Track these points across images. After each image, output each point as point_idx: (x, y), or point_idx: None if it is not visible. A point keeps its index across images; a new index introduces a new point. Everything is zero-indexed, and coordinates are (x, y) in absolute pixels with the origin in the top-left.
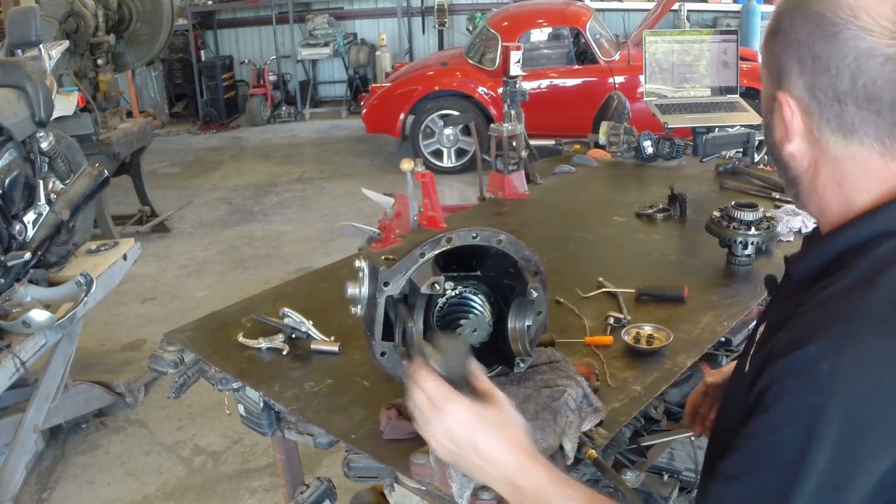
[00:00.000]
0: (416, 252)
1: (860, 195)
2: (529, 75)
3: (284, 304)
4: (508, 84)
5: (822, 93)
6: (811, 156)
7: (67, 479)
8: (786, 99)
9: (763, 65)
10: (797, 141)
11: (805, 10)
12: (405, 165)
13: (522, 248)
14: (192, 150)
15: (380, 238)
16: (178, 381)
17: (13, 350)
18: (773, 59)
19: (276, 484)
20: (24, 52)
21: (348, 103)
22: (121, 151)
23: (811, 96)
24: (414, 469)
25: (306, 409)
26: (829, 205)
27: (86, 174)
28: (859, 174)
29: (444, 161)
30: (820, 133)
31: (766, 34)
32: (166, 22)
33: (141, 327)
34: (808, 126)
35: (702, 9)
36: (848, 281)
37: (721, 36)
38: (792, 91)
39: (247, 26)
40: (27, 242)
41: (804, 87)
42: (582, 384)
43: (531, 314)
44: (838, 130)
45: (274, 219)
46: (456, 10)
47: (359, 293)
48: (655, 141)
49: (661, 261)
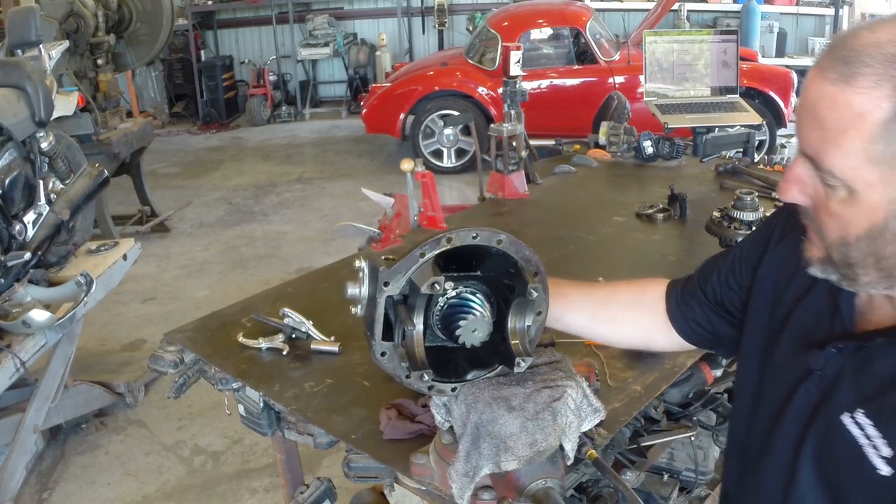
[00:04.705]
0: (416, 252)
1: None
2: (529, 75)
3: (284, 304)
4: (508, 84)
5: None
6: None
7: (67, 479)
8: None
9: (869, 162)
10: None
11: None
12: (405, 165)
13: (522, 248)
14: (192, 150)
15: (380, 238)
16: (178, 381)
17: (13, 350)
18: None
19: (276, 484)
20: (24, 52)
21: (348, 103)
22: (121, 151)
23: None
24: (414, 469)
25: (306, 409)
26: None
27: (86, 174)
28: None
29: (444, 161)
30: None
31: (879, 126)
32: (166, 22)
33: (141, 327)
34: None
35: (702, 9)
36: None
37: (721, 36)
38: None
39: (247, 26)
40: (27, 242)
41: None
42: (582, 384)
43: (531, 314)
44: None
45: (274, 219)
46: (456, 10)
47: (359, 293)
48: (655, 141)
49: (661, 261)
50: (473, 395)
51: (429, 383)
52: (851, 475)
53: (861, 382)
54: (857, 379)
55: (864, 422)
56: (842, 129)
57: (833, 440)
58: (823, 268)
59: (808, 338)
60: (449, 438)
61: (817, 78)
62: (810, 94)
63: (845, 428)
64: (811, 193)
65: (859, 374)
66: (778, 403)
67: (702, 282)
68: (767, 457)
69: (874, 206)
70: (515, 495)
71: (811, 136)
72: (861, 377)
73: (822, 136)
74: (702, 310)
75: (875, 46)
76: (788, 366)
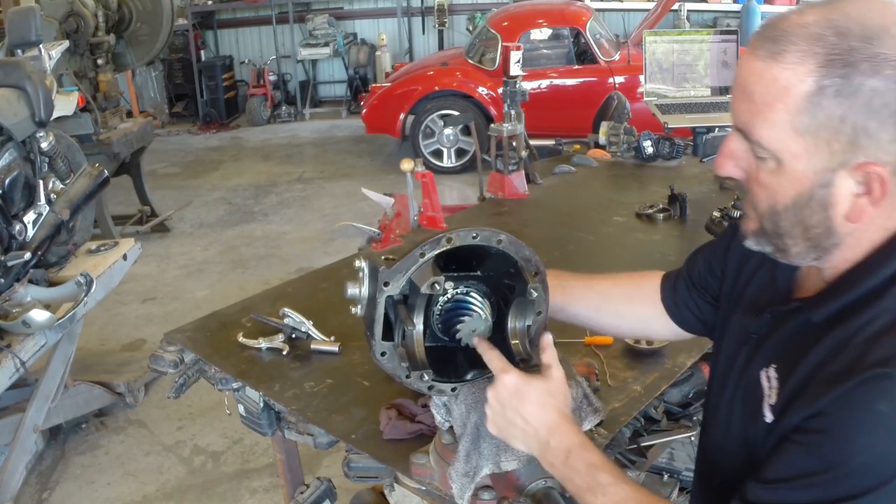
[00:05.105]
0: (416, 252)
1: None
2: (529, 75)
3: (284, 304)
4: (508, 84)
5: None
6: (870, 215)
7: (67, 479)
8: (876, 169)
9: (795, 133)
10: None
11: (888, 62)
12: (405, 165)
13: (522, 248)
14: (192, 150)
15: (380, 238)
16: (178, 381)
17: (13, 350)
18: (828, 124)
19: (276, 484)
20: (24, 52)
21: (348, 103)
22: (121, 151)
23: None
24: (414, 469)
25: (306, 409)
26: (861, 248)
27: (86, 174)
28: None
29: (444, 161)
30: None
31: (803, 99)
32: (166, 22)
33: (141, 327)
34: (892, 188)
35: (702, 9)
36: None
37: (721, 36)
38: (880, 157)
39: (247, 26)
40: (27, 242)
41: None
42: (582, 384)
43: (531, 314)
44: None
45: (274, 219)
46: (456, 10)
47: (359, 293)
48: (655, 141)
49: (661, 261)
50: (473, 395)
51: (429, 383)
52: (754, 424)
53: (776, 341)
54: (775, 339)
55: (771, 375)
56: (769, 102)
57: (750, 395)
58: (758, 240)
59: (754, 307)
60: (449, 438)
61: (748, 56)
62: (742, 71)
63: (759, 383)
64: (744, 166)
65: (777, 334)
66: (725, 369)
67: (690, 267)
68: (714, 419)
69: (800, 175)
70: (515, 495)
71: (741, 110)
72: (778, 337)
73: (751, 109)
74: (689, 294)
75: (801, 27)
76: (736, 335)
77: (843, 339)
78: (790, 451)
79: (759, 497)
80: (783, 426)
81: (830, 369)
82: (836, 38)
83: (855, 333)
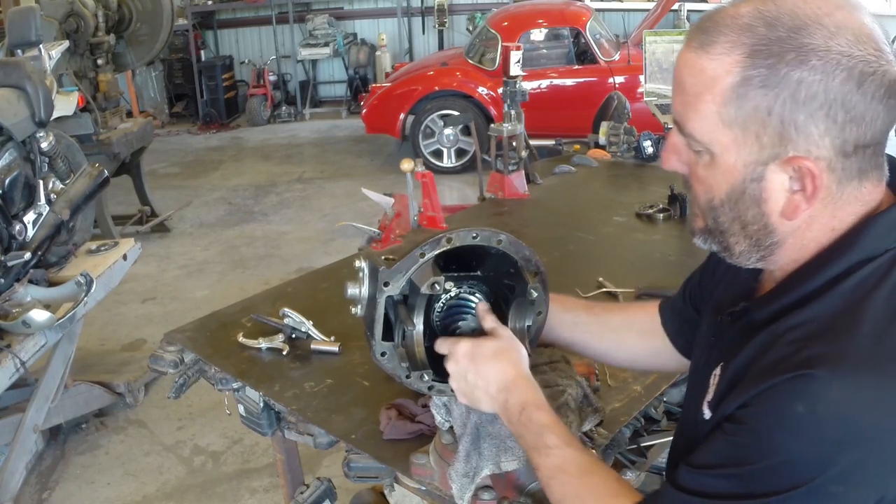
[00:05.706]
0: (416, 252)
1: (843, 226)
2: (529, 75)
3: (284, 304)
4: (508, 84)
5: (851, 144)
6: (810, 213)
7: (67, 479)
8: (806, 164)
9: (723, 124)
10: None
11: (823, 54)
12: (405, 165)
13: (522, 248)
14: (192, 150)
15: (380, 238)
16: (178, 381)
17: (13, 350)
18: (755, 115)
19: (276, 484)
20: (24, 52)
21: (348, 103)
22: (121, 151)
23: (840, 153)
24: (414, 469)
25: (306, 409)
26: (807, 250)
27: (86, 174)
28: (852, 208)
29: (444, 161)
30: (839, 186)
31: (730, 90)
32: (166, 22)
33: (141, 327)
34: (827, 184)
35: (702, 9)
36: (832, 309)
37: None
38: (812, 152)
39: (247, 26)
40: (27, 242)
41: (831, 145)
42: (582, 384)
43: (531, 314)
44: (857, 176)
45: (274, 219)
46: (456, 10)
47: (359, 293)
48: (655, 141)
49: (661, 261)
50: None
51: (429, 383)
52: (695, 422)
53: (726, 342)
54: (726, 340)
55: (717, 374)
56: (698, 93)
57: (704, 394)
58: (704, 238)
59: (717, 311)
60: (449, 438)
61: (683, 49)
62: (677, 64)
63: (709, 382)
64: (686, 161)
65: (728, 335)
66: (692, 373)
67: (684, 288)
68: (682, 422)
69: (731, 168)
70: (515, 495)
71: (676, 102)
72: (728, 338)
73: (684, 101)
74: (684, 316)
75: (733, 18)
76: (701, 340)
77: (775, 336)
78: (717, 439)
79: (685, 481)
80: (716, 418)
81: (760, 365)
82: (766, 28)
83: (786, 332)
